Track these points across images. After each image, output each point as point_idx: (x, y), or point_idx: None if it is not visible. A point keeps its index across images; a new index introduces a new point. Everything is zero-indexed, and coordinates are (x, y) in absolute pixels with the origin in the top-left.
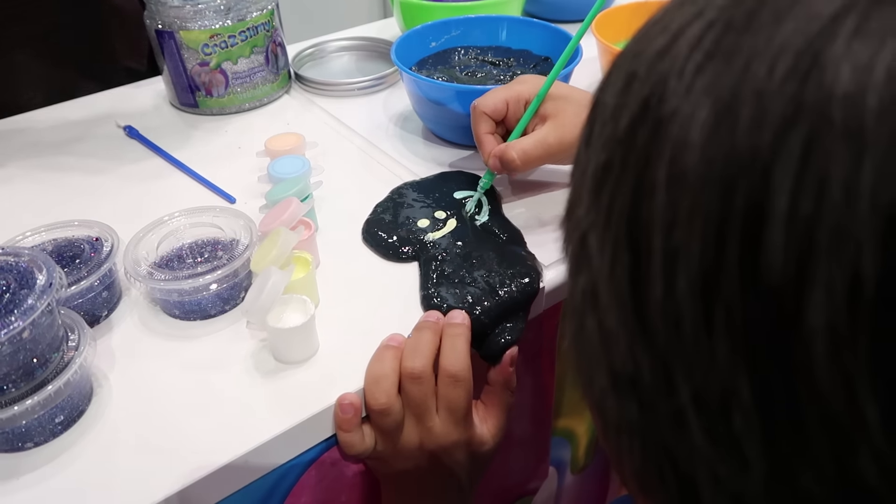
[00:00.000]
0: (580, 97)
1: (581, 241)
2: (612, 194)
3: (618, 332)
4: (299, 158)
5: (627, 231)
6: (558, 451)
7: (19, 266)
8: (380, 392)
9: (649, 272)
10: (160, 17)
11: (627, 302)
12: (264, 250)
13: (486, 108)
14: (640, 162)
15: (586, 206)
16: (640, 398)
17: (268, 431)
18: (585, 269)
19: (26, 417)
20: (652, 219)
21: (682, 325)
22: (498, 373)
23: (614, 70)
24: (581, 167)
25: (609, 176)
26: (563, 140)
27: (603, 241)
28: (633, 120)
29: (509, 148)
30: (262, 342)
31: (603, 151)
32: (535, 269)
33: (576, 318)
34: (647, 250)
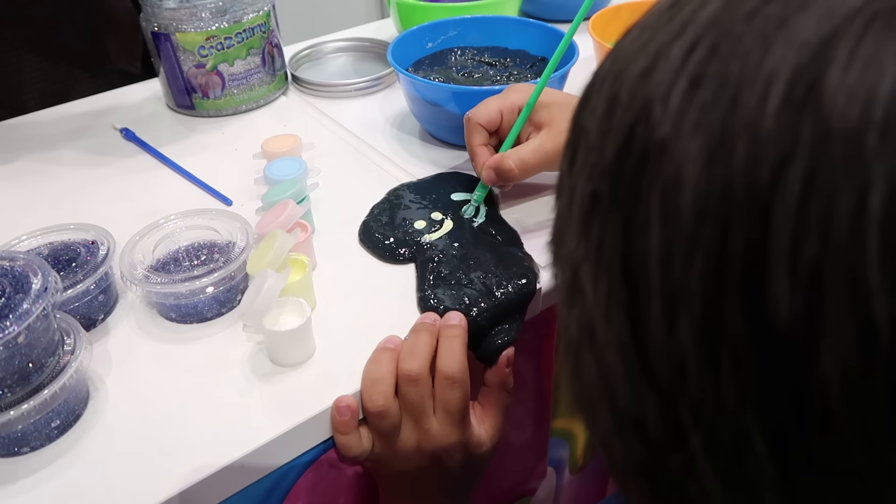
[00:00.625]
0: (574, 103)
1: (573, 275)
2: (602, 227)
3: (618, 372)
4: (296, 160)
5: (622, 267)
6: (556, 452)
7: (14, 270)
8: (377, 394)
9: (649, 311)
10: (156, 19)
11: (627, 341)
12: (261, 253)
13: (480, 119)
14: (631, 195)
15: (576, 239)
16: (647, 439)
17: (265, 434)
18: (580, 304)
19: (22, 422)
20: (648, 255)
21: (687, 368)
22: (494, 374)
23: (593, 91)
24: (566, 194)
25: (597, 207)
26: (559, 147)
27: (596, 277)
28: (619, 149)
29: (506, 158)
30: (258, 345)
31: (589, 182)
32: (531, 270)
33: (572, 352)
34: (645, 288)
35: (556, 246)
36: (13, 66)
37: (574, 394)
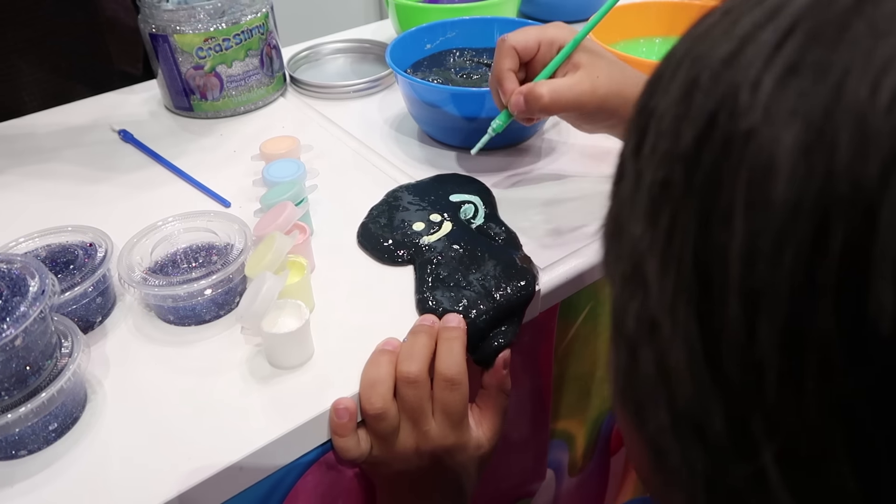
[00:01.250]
0: (612, 57)
1: (635, 265)
2: (674, 216)
3: (682, 371)
4: (294, 162)
5: (694, 261)
6: (556, 454)
7: (12, 273)
8: (375, 396)
9: (725, 312)
10: (154, 20)
11: (695, 340)
12: (259, 255)
13: (516, 42)
14: (709, 184)
15: (641, 227)
16: (709, 446)
17: (263, 436)
18: (640, 296)
19: (19, 425)
20: (727, 250)
21: (765, 377)
22: (492, 376)
23: (666, 72)
24: (630, 179)
25: (669, 196)
26: (595, 91)
27: (664, 269)
28: (698, 136)
29: (539, 85)
30: (256, 347)
31: (660, 168)
32: (530, 272)
33: (626, 345)
34: (722, 284)
35: (613, 233)
36: (15, 67)
37: (619, 388)
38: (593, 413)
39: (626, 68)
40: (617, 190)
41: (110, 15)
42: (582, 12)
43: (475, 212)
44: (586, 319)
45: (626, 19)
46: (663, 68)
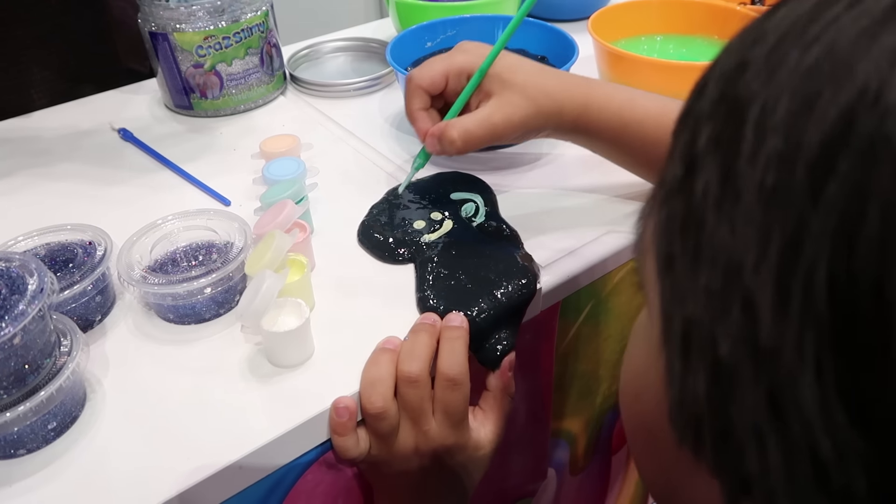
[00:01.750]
0: (529, 68)
1: (732, 281)
2: (797, 233)
3: (813, 417)
4: (294, 160)
5: (830, 289)
6: (557, 453)
7: (10, 271)
8: (376, 395)
9: (885, 358)
10: (154, 18)
11: (832, 384)
12: (259, 253)
13: (422, 81)
14: (851, 199)
15: (743, 237)
16: (835, 496)
17: (263, 435)
18: (740, 317)
19: (18, 424)
20: (886, 284)
21: None
22: (497, 378)
23: (759, 55)
24: (713, 176)
25: (787, 205)
26: (510, 119)
27: (783, 293)
28: (827, 138)
29: (450, 127)
30: (257, 346)
31: (771, 170)
32: (532, 270)
33: (707, 367)
34: (876, 326)
35: (684, 232)
36: (23, 65)
37: (689, 412)
38: (594, 412)
39: (546, 77)
40: (686, 186)
41: (118, 13)
42: (582, 10)
43: (476, 210)
44: (587, 318)
45: (628, 17)
46: (749, 51)
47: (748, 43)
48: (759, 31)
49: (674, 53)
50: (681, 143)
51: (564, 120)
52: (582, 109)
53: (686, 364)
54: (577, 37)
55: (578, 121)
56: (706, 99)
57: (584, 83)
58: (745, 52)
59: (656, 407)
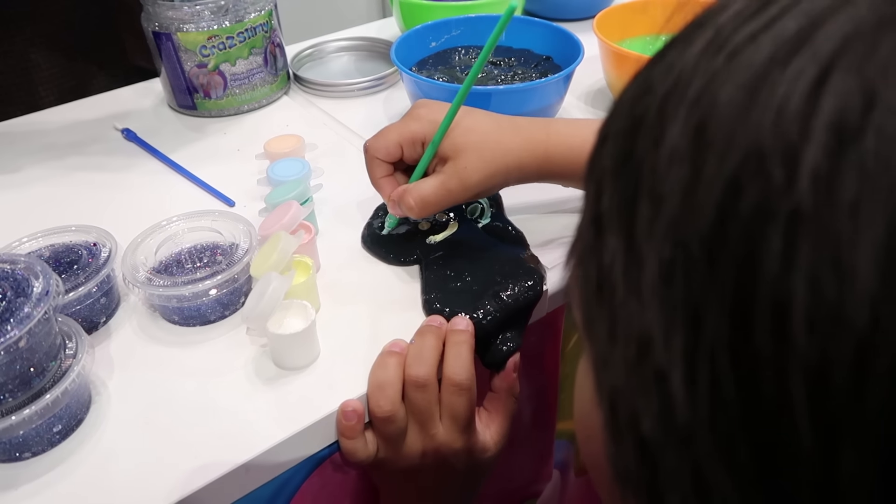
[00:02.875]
0: (484, 128)
1: (644, 355)
2: (696, 310)
3: (730, 493)
4: (299, 161)
5: (734, 371)
6: (562, 454)
7: (15, 274)
8: (384, 399)
9: (791, 439)
10: (157, 18)
11: (747, 464)
12: (264, 255)
13: (377, 153)
14: (744, 273)
15: (649, 311)
16: None
17: (269, 438)
18: (657, 395)
19: (24, 427)
20: (783, 369)
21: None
22: (502, 379)
23: (649, 111)
24: (618, 241)
25: (685, 279)
26: (466, 183)
27: (691, 374)
28: (718, 206)
29: (407, 194)
30: (262, 348)
31: (667, 241)
32: (538, 272)
33: (633, 442)
34: (779, 408)
35: (599, 297)
36: (31, 61)
37: (623, 476)
38: None
39: (502, 133)
40: (597, 246)
41: (126, 10)
42: (586, 10)
43: (482, 211)
44: None
45: (633, 16)
46: (641, 104)
47: (639, 95)
48: (647, 83)
49: None
50: (590, 195)
51: (527, 172)
52: (542, 159)
53: (616, 434)
54: (583, 36)
55: (542, 169)
56: (607, 155)
57: (541, 130)
58: (636, 106)
59: (602, 453)
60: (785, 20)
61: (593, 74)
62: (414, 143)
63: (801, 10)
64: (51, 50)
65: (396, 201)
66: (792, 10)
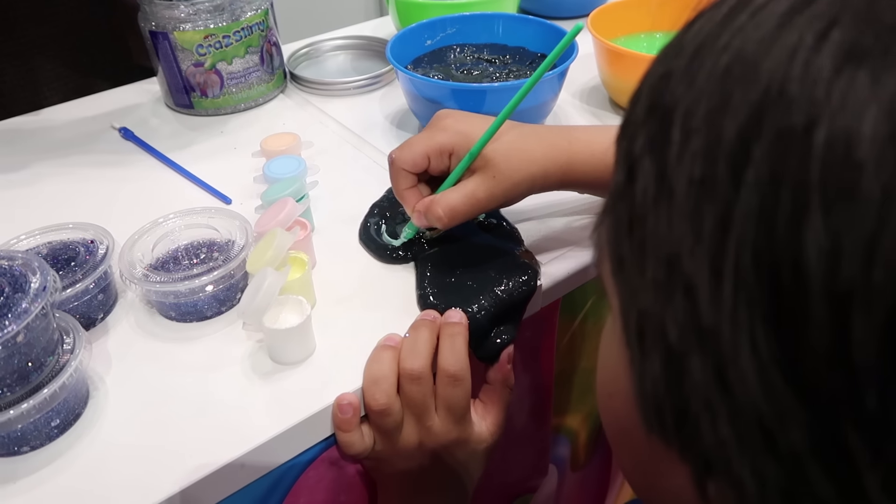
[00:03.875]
0: (510, 138)
1: (673, 269)
2: (723, 218)
3: (751, 383)
4: (295, 158)
5: (755, 263)
6: (558, 449)
7: (13, 270)
8: (379, 393)
9: (806, 316)
10: (154, 18)
11: (765, 349)
12: (260, 251)
13: (404, 164)
14: (767, 181)
15: (678, 228)
16: (785, 458)
17: (266, 432)
18: (683, 302)
19: (22, 421)
20: (802, 251)
21: (862, 385)
22: (496, 371)
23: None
24: (649, 178)
25: (713, 194)
26: (492, 193)
27: (716, 273)
28: (742, 129)
29: (435, 204)
30: (258, 343)
31: (696, 164)
32: (532, 267)
33: (662, 353)
34: (796, 289)
35: (629, 234)
36: (36, 63)
37: (649, 400)
38: (595, 408)
39: (526, 142)
40: (628, 190)
41: (130, 11)
42: (580, 7)
43: None
44: (588, 314)
45: (627, 14)
46: (671, 62)
47: (671, 55)
48: (679, 44)
49: None
50: (622, 150)
51: (550, 180)
52: (566, 167)
53: (643, 354)
54: None
55: (565, 177)
56: (639, 108)
57: (564, 138)
58: (668, 63)
59: (626, 402)
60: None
61: (588, 72)
62: (441, 154)
63: None
64: (56, 51)
65: (423, 212)
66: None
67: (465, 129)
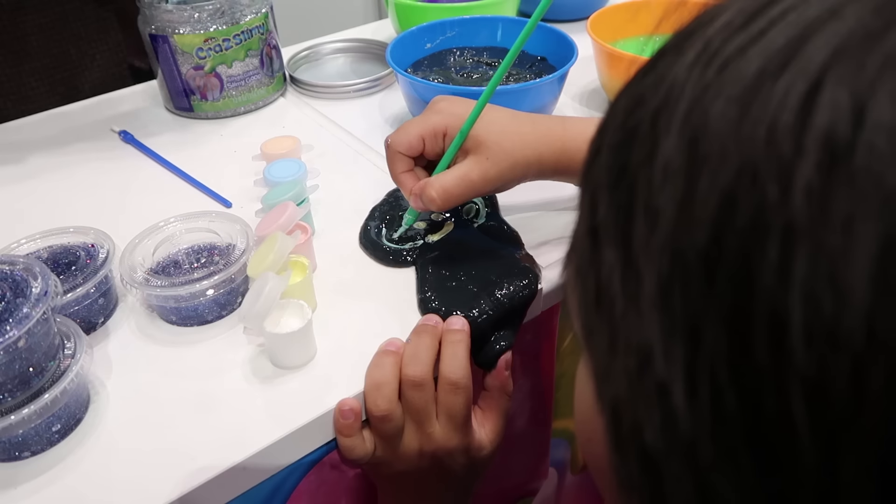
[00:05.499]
0: (504, 121)
1: (645, 367)
2: (695, 324)
3: None
4: (295, 162)
5: (735, 384)
6: (558, 452)
7: (14, 274)
8: (381, 399)
9: (793, 449)
10: (153, 20)
11: (750, 474)
12: (261, 255)
13: (400, 147)
14: (740, 289)
15: (648, 324)
16: None
17: (266, 436)
18: (660, 407)
19: (23, 427)
20: (783, 382)
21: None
22: (494, 378)
23: (642, 123)
24: (614, 253)
25: (683, 293)
26: (486, 175)
27: (692, 389)
28: (714, 221)
29: (429, 186)
30: (259, 347)
31: (664, 255)
32: (532, 271)
33: (638, 454)
34: (779, 419)
35: (597, 307)
36: (24, 52)
37: (627, 487)
38: None
39: (521, 126)
40: (594, 258)
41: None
42: (580, 11)
43: (477, 211)
44: None
45: (627, 17)
46: (634, 116)
47: (631, 107)
48: (639, 96)
49: None
50: (585, 206)
51: (545, 165)
52: (560, 153)
53: (619, 443)
54: (576, 37)
55: (558, 164)
56: (601, 167)
57: (559, 125)
58: (628, 119)
59: (605, 456)
60: (773, 33)
61: (587, 75)
62: (436, 135)
63: (788, 22)
64: (45, 40)
65: (418, 194)
66: (780, 22)
67: (459, 110)
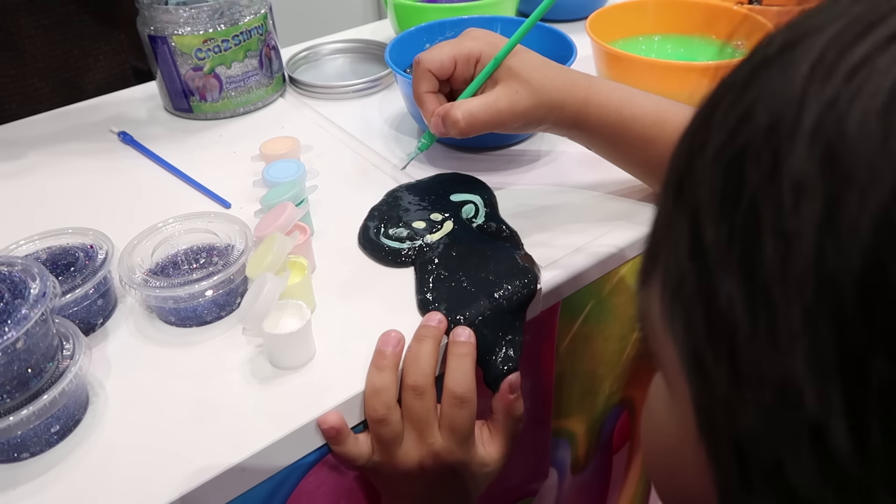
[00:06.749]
0: (535, 60)
1: (817, 437)
2: (841, 343)
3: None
4: (294, 162)
5: (885, 418)
6: (558, 452)
7: (13, 276)
8: (379, 404)
9: None
10: (153, 22)
11: None
12: (260, 256)
13: (431, 65)
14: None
15: (814, 385)
16: None
17: (265, 437)
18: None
19: (21, 428)
20: None
21: None
22: (498, 401)
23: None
24: (764, 302)
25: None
26: (514, 107)
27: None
28: (867, 253)
29: (454, 108)
30: (258, 348)
31: (806, 287)
32: (532, 270)
33: (786, 500)
34: None
35: (710, 334)
36: (28, 52)
37: None
38: (595, 411)
39: (551, 70)
40: (705, 289)
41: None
42: (580, 10)
43: (476, 211)
44: (588, 317)
45: (626, 17)
46: (742, 132)
47: (734, 121)
48: (743, 109)
49: (672, 53)
50: (682, 225)
51: (565, 114)
52: (582, 105)
53: (747, 485)
54: (575, 37)
55: (578, 116)
56: (702, 184)
57: (586, 79)
58: (735, 136)
59: (700, 492)
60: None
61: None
62: (469, 59)
63: None
64: (48, 41)
65: (442, 115)
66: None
67: (494, 40)
